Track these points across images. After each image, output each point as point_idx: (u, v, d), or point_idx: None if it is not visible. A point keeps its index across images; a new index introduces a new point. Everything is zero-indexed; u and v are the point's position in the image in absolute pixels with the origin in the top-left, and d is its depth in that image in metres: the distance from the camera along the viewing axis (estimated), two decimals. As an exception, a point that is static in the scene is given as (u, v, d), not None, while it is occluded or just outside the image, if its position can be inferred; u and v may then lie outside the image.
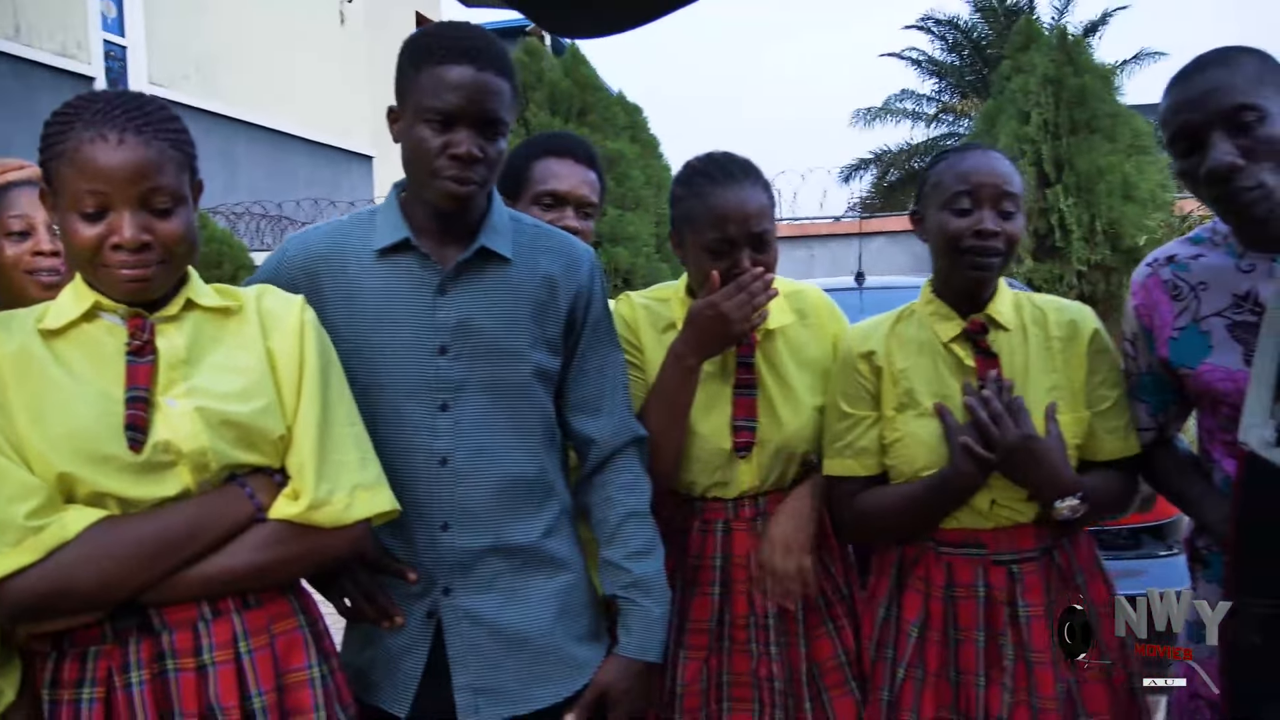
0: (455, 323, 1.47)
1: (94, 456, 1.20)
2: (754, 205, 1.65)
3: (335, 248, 1.51)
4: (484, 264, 1.50)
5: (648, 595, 1.54)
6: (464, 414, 1.47)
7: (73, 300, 1.28)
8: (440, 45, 1.43)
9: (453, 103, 1.40)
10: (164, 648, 1.23)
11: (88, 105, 1.24)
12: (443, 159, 1.42)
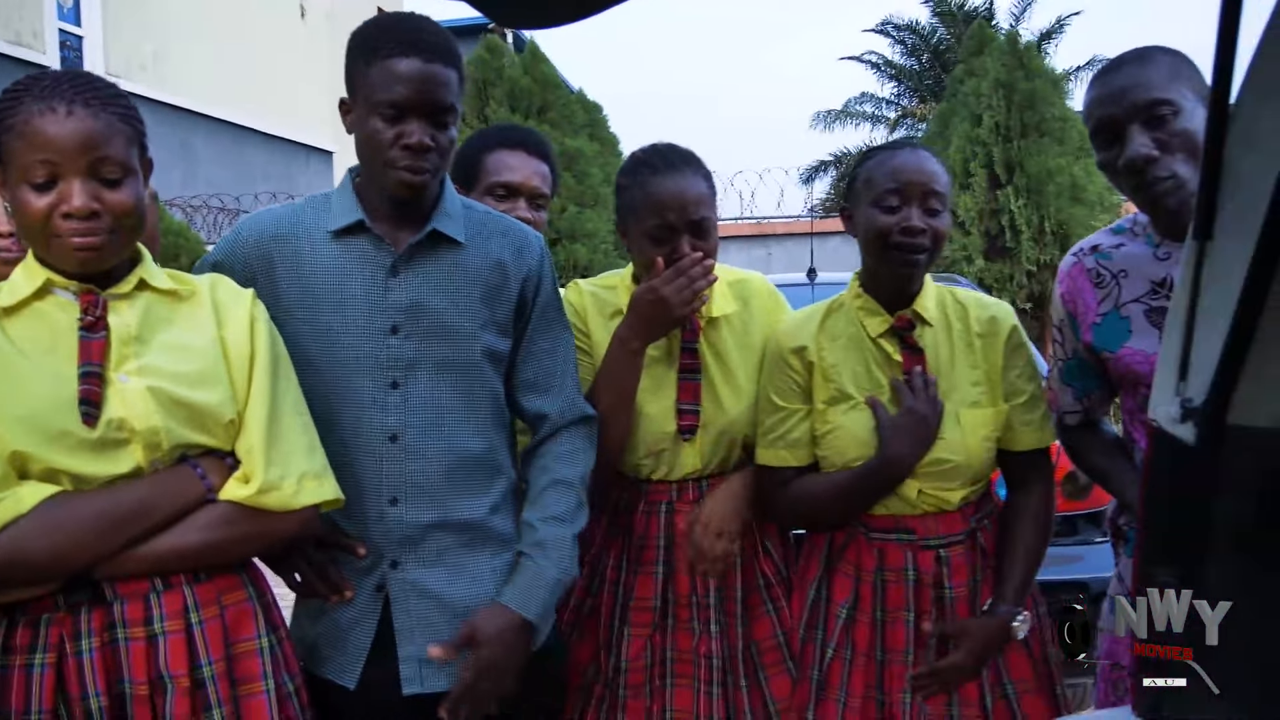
0: (407, 303, 1.51)
1: (48, 433, 1.23)
2: (693, 193, 1.71)
3: (289, 228, 1.55)
4: (435, 247, 1.54)
5: (546, 556, 1.54)
6: (414, 392, 1.51)
7: (25, 278, 1.31)
8: (388, 38, 1.47)
9: (403, 94, 1.44)
10: (115, 617, 1.26)
11: (36, 81, 1.27)
12: (396, 149, 1.45)
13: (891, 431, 1.67)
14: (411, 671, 1.49)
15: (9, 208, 1.29)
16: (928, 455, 1.67)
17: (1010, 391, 1.74)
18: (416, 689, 1.49)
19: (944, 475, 1.68)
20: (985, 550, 1.74)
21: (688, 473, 1.79)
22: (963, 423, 1.69)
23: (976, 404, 1.71)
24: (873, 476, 1.69)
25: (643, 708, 1.76)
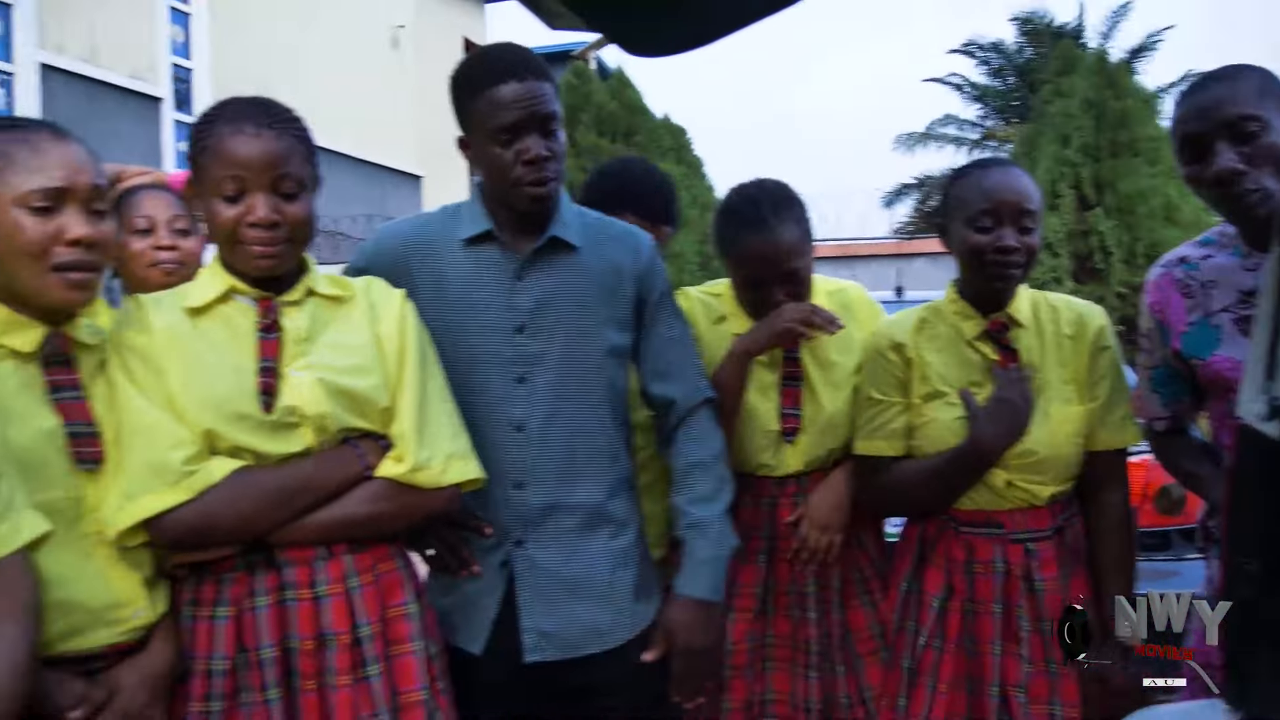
0: (531, 304, 1.66)
1: (232, 416, 1.40)
2: (785, 245, 1.84)
3: (424, 236, 1.71)
4: (555, 252, 1.69)
5: (702, 536, 1.68)
6: (538, 386, 1.66)
7: (211, 283, 1.49)
8: (483, 71, 1.62)
9: (511, 116, 1.59)
10: (285, 580, 1.43)
11: (227, 106, 1.47)
12: (519, 167, 1.60)
13: (982, 417, 1.75)
14: (532, 642, 1.63)
15: (198, 217, 1.48)
16: (1017, 447, 1.75)
17: (1094, 391, 1.81)
18: (536, 657, 1.62)
19: (1032, 468, 1.76)
20: (1073, 548, 1.81)
21: (790, 471, 1.91)
22: (1052, 417, 1.77)
23: (1067, 401, 1.79)
24: (961, 460, 1.77)
25: (745, 687, 1.88)
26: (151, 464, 1.35)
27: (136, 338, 1.42)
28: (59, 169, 1.32)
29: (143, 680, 1.33)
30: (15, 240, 1.29)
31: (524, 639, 1.63)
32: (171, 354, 1.42)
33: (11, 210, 1.29)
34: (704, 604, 1.66)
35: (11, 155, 1.31)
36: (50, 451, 1.31)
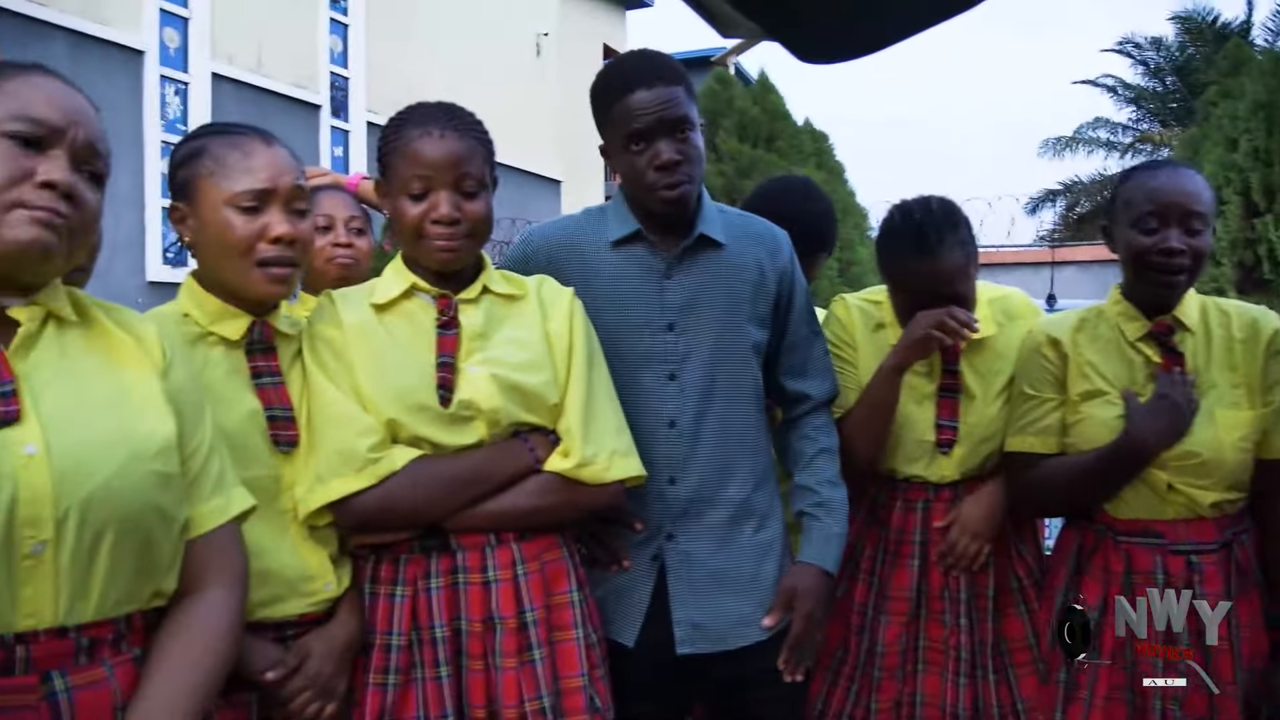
0: (681, 303, 1.71)
1: (412, 407, 1.49)
2: (948, 270, 1.83)
3: (572, 238, 1.77)
4: (702, 250, 1.73)
5: (830, 514, 1.75)
6: (689, 382, 1.70)
7: (394, 280, 1.59)
8: (615, 80, 1.68)
9: (641, 123, 1.63)
10: (458, 564, 1.50)
11: (415, 111, 1.56)
12: (651, 172, 1.65)
13: (1141, 414, 1.71)
14: (684, 634, 1.67)
15: (386, 214, 1.58)
16: (1178, 448, 1.69)
17: (1266, 397, 1.74)
18: (688, 649, 1.67)
19: (1194, 471, 1.70)
20: (1242, 567, 1.74)
21: (944, 479, 1.90)
22: (1217, 420, 1.71)
23: (1235, 405, 1.72)
24: (1117, 455, 1.72)
25: (895, 689, 1.87)
26: (340, 450, 1.45)
27: (328, 331, 1.53)
28: (265, 171, 1.43)
29: (330, 649, 1.43)
30: (225, 237, 1.41)
31: (676, 631, 1.67)
32: (359, 347, 1.52)
33: (223, 209, 1.41)
34: (828, 576, 1.73)
35: (224, 158, 1.43)
36: (253, 433, 1.43)
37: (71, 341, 1.17)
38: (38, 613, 1.04)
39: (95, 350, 1.19)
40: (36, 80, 1.15)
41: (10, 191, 1.08)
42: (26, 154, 1.10)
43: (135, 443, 1.13)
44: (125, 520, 1.09)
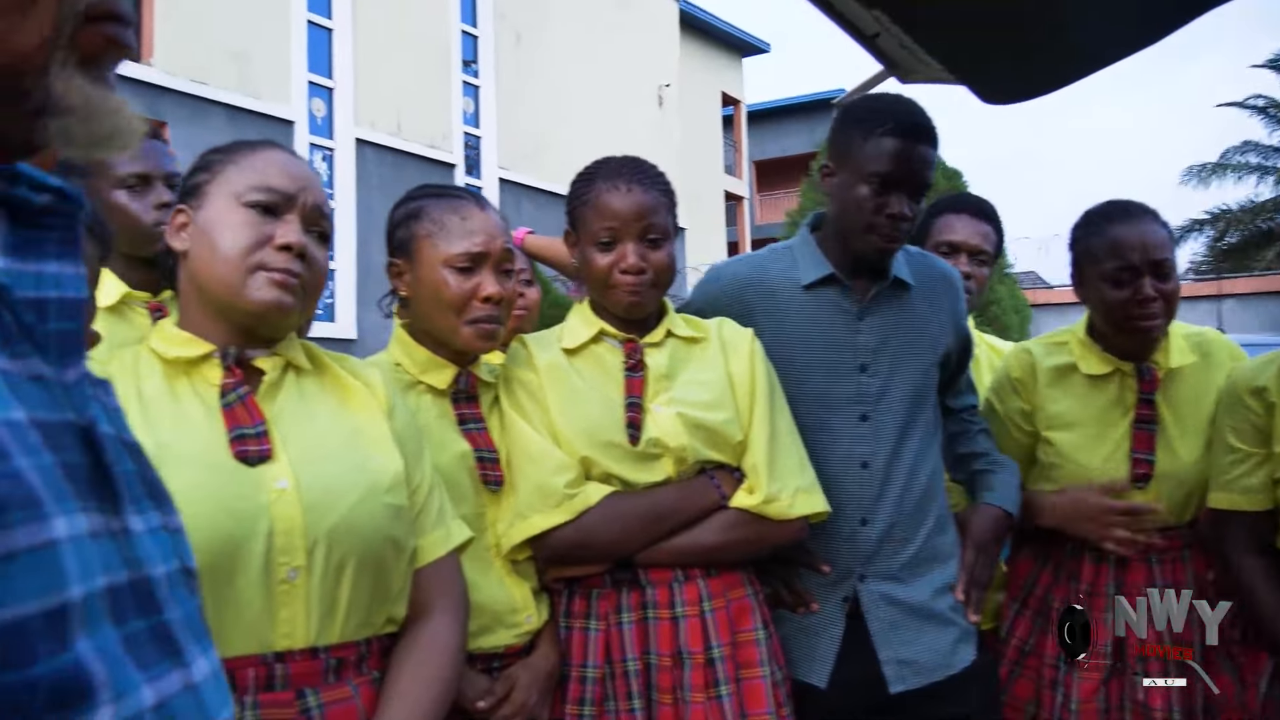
0: (874, 344, 1.73)
1: (603, 444, 1.55)
2: (1154, 238, 1.81)
3: (761, 277, 1.81)
4: (893, 292, 1.76)
5: (1005, 469, 1.85)
6: (881, 423, 1.72)
7: (582, 326, 1.66)
8: (884, 118, 1.68)
9: (892, 170, 1.66)
10: (647, 599, 1.55)
11: (603, 165, 1.64)
12: (878, 217, 1.67)
13: None
14: (894, 672, 1.67)
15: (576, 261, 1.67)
16: None
17: None
18: (901, 687, 1.66)
19: None
20: None
21: None
22: None
23: None
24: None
25: None
26: (539, 487, 1.52)
27: (524, 374, 1.61)
28: (481, 235, 1.53)
29: (534, 679, 1.49)
30: (441, 294, 1.51)
31: (885, 671, 1.67)
32: (553, 389, 1.59)
33: (440, 269, 1.51)
34: (1007, 515, 1.80)
35: (443, 221, 1.53)
36: (461, 473, 1.51)
37: (308, 387, 1.28)
38: (292, 634, 1.13)
39: (329, 395, 1.30)
40: (268, 154, 1.27)
41: (254, 255, 1.20)
42: (265, 220, 1.22)
43: (370, 477, 1.22)
44: (364, 549, 1.18)
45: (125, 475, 0.58)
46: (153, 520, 0.59)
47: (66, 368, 0.58)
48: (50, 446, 0.52)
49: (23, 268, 0.57)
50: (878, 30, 1.58)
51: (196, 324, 1.24)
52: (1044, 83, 1.43)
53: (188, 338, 1.23)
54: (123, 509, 0.56)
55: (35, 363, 0.55)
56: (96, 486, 0.55)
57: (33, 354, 0.55)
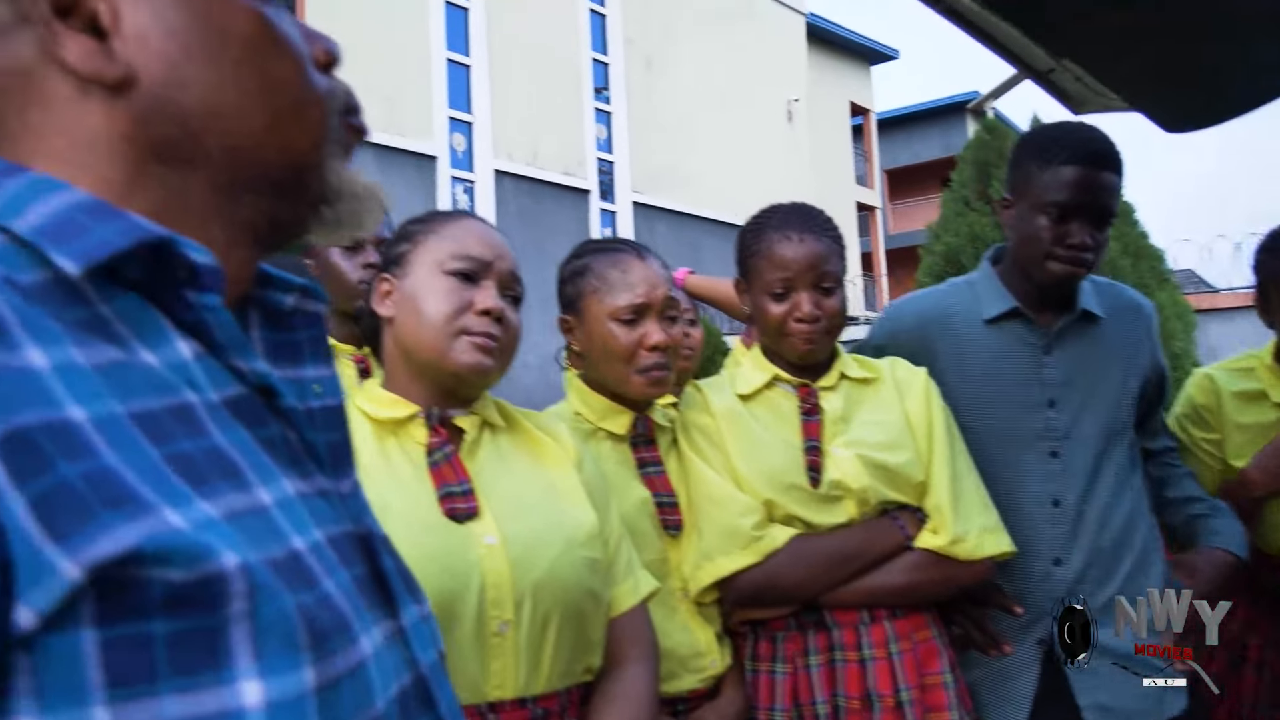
0: (1062, 379, 1.69)
1: (786, 488, 1.57)
2: None
3: (942, 313, 1.79)
4: (1081, 324, 1.71)
5: (1226, 515, 1.77)
6: (1072, 460, 1.67)
7: (756, 372, 1.68)
8: (1061, 146, 1.65)
9: (1070, 199, 1.63)
10: (834, 641, 1.55)
11: (773, 214, 1.65)
12: (1057, 247, 1.64)
13: None
14: (1094, 718, 1.63)
15: (748, 310, 1.69)
16: None
17: None
18: None
19: None
20: None
21: None
22: None
23: None
24: None
25: None
26: (725, 529, 1.54)
27: (702, 419, 1.64)
28: (643, 286, 1.57)
29: None
30: (610, 346, 1.56)
31: (1085, 717, 1.63)
32: (731, 433, 1.62)
33: (606, 322, 1.56)
34: (1236, 559, 1.72)
35: (606, 276, 1.58)
36: (643, 518, 1.55)
37: (504, 444, 1.34)
38: (503, 684, 1.19)
39: (523, 450, 1.35)
40: (467, 224, 1.34)
41: (457, 321, 1.26)
42: (465, 287, 1.28)
43: (568, 532, 1.27)
44: (566, 602, 1.23)
45: (393, 572, 0.62)
46: (413, 614, 0.63)
47: (341, 478, 0.62)
48: (343, 562, 0.56)
49: (285, 374, 0.62)
50: (1052, 66, 1.56)
51: (401, 385, 1.31)
52: (1230, 107, 1.37)
53: (394, 399, 1.30)
54: (398, 611, 0.60)
55: (318, 479, 0.59)
56: (378, 593, 0.59)
57: (315, 471, 0.59)
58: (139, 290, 0.53)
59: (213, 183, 0.58)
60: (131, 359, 0.50)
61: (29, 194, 0.51)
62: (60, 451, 0.43)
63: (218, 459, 0.50)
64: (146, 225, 0.53)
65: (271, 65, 0.59)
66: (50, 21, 0.53)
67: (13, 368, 0.43)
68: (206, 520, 0.46)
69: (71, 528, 0.42)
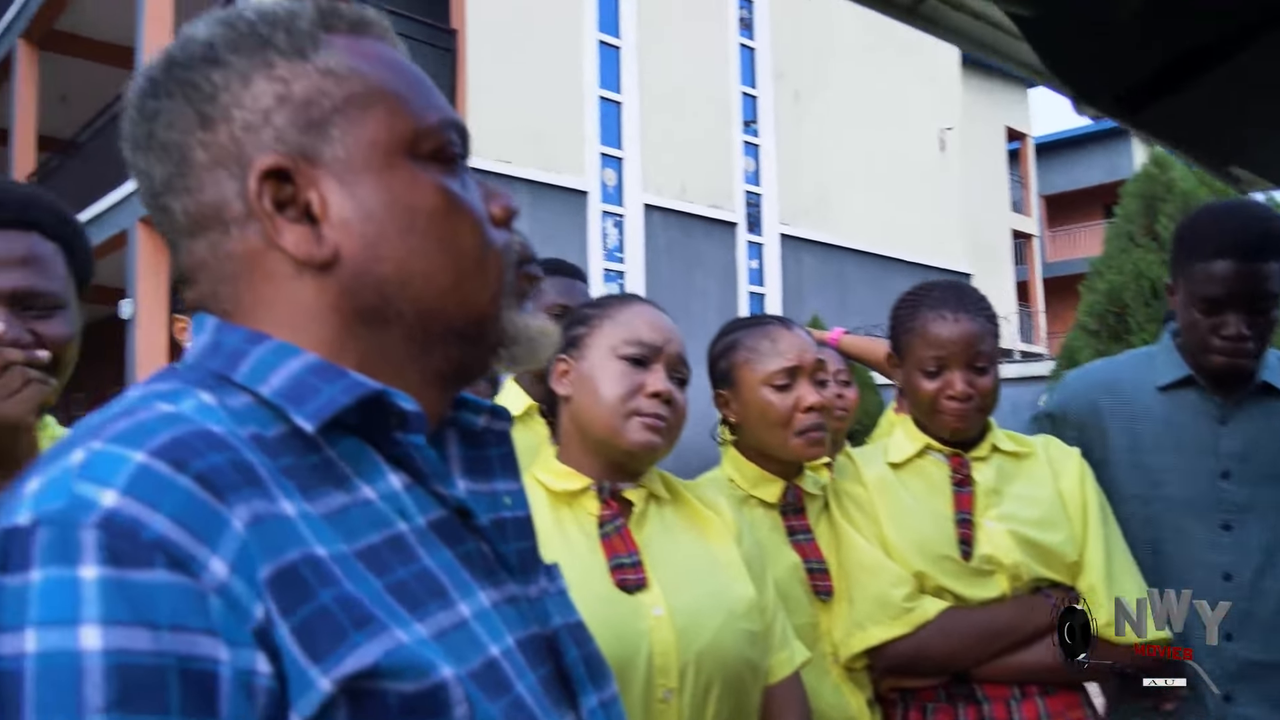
0: (1238, 450, 1.67)
1: (934, 558, 1.60)
2: None
3: (1114, 382, 1.80)
4: (1261, 397, 1.69)
5: None
6: (1246, 533, 1.65)
7: (908, 441, 1.72)
8: (1205, 241, 1.66)
9: (1219, 293, 1.63)
10: (984, 715, 1.57)
11: (929, 293, 1.69)
12: (1214, 338, 1.64)
13: None
14: None
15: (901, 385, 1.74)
16: None
17: None
18: None
19: None
20: None
21: None
22: None
23: None
24: None
25: None
26: (877, 599, 1.59)
27: (853, 488, 1.70)
28: (792, 352, 1.64)
29: None
30: (767, 414, 1.63)
31: None
32: (882, 502, 1.66)
33: (761, 389, 1.64)
34: None
35: (757, 346, 1.66)
36: (795, 584, 1.61)
37: (668, 516, 1.43)
38: None
39: (685, 522, 1.44)
40: (639, 309, 1.43)
41: (630, 403, 1.35)
42: (636, 371, 1.37)
43: (729, 604, 1.34)
44: (726, 672, 1.30)
45: (575, 665, 0.71)
46: (591, 701, 0.71)
47: (529, 584, 0.71)
48: (530, 664, 0.64)
49: (478, 487, 0.72)
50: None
51: (575, 459, 1.42)
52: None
53: (569, 472, 1.41)
54: (578, 704, 0.69)
55: (509, 586, 0.68)
56: (563, 690, 0.67)
57: (507, 579, 0.68)
58: (358, 432, 0.64)
59: (407, 337, 0.67)
60: (354, 498, 0.61)
61: (271, 359, 0.63)
62: (318, 581, 0.54)
63: (427, 581, 0.60)
64: (364, 381, 0.63)
65: (454, 233, 0.68)
66: (272, 215, 0.64)
67: (274, 515, 0.54)
68: (422, 639, 0.56)
69: (325, 649, 0.52)
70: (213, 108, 0.65)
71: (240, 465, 0.55)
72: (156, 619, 0.48)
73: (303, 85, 0.66)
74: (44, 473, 0.52)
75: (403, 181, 0.66)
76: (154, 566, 0.49)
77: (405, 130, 0.67)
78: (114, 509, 0.50)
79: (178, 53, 0.67)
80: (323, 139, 0.65)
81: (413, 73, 0.71)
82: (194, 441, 0.54)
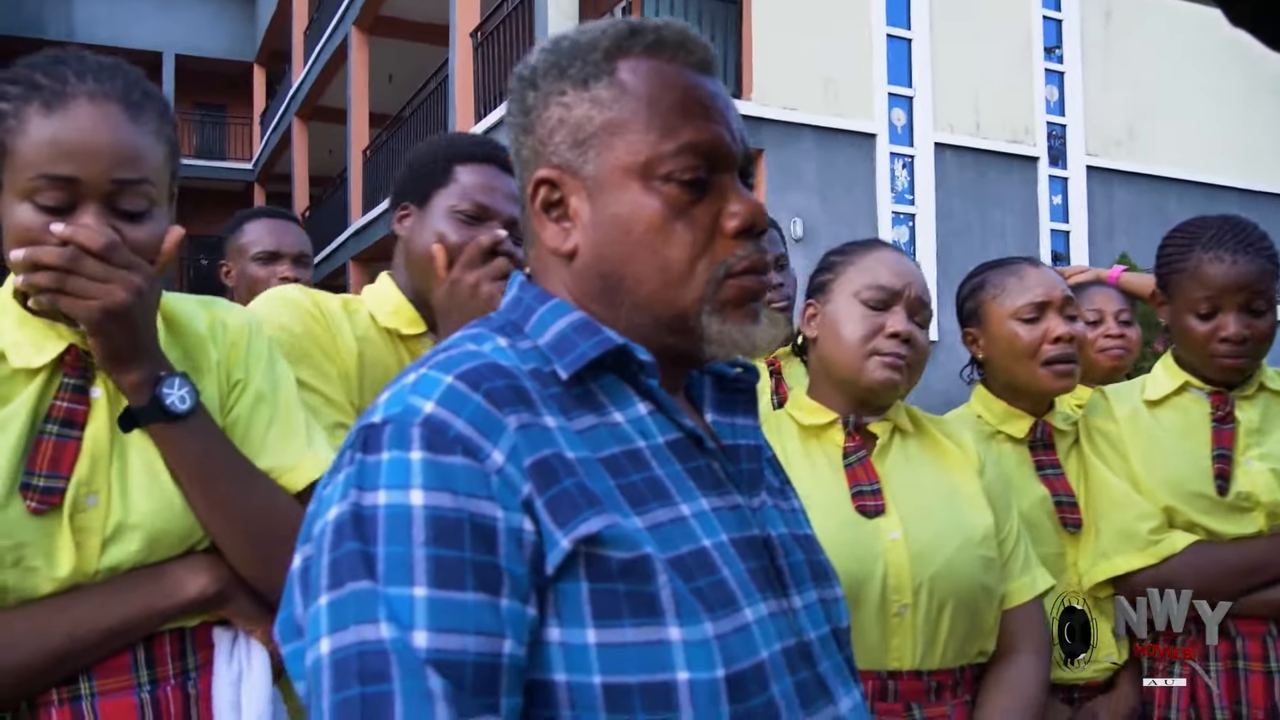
0: None
1: (1189, 495, 1.61)
2: None
3: None
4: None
5: None
6: None
7: (1167, 378, 1.72)
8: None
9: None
10: (1237, 650, 1.57)
11: (1201, 231, 1.65)
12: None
13: None
14: None
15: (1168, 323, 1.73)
16: None
17: None
18: None
19: None
20: None
21: None
22: None
23: None
24: None
25: None
26: (1123, 531, 1.63)
27: (1105, 425, 1.73)
28: (1039, 287, 1.70)
29: (1114, 715, 1.61)
30: (1014, 345, 1.70)
31: None
32: (1134, 439, 1.69)
33: (1008, 323, 1.70)
34: None
35: (1003, 284, 1.73)
36: (1042, 516, 1.68)
37: (911, 449, 1.55)
38: (901, 658, 1.40)
39: (928, 455, 1.55)
40: (881, 254, 1.55)
41: (870, 343, 1.48)
42: (876, 313, 1.48)
43: (965, 532, 1.45)
44: (960, 593, 1.41)
45: (792, 566, 0.86)
46: (810, 597, 0.86)
47: (754, 496, 0.87)
48: (741, 557, 0.80)
49: (722, 420, 0.90)
50: None
51: (824, 395, 1.57)
52: None
53: (817, 407, 1.56)
54: (789, 594, 0.84)
55: (734, 496, 0.84)
56: (772, 581, 0.83)
57: (732, 491, 0.84)
58: (616, 371, 0.83)
59: (629, 322, 0.84)
60: (604, 420, 0.78)
61: (548, 317, 0.82)
62: (565, 472, 0.73)
63: (654, 485, 0.78)
64: (612, 337, 0.80)
65: (665, 245, 0.81)
66: (539, 213, 0.85)
67: (538, 424, 0.75)
68: (636, 527, 0.74)
69: (566, 518, 0.72)
70: (528, 120, 0.87)
71: (517, 389, 0.74)
72: (456, 488, 0.68)
73: (578, 111, 0.84)
74: (393, 388, 0.75)
75: (630, 199, 0.81)
76: (455, 453, 0.69)
77: (641, 157, 0.82)
78: (431, 414, 0.70)
79: (524, 70, 0.88)
80: (583, 157, 0.83)
81: (679, 95, 0.84)
82: (485, 370, 0.74)
